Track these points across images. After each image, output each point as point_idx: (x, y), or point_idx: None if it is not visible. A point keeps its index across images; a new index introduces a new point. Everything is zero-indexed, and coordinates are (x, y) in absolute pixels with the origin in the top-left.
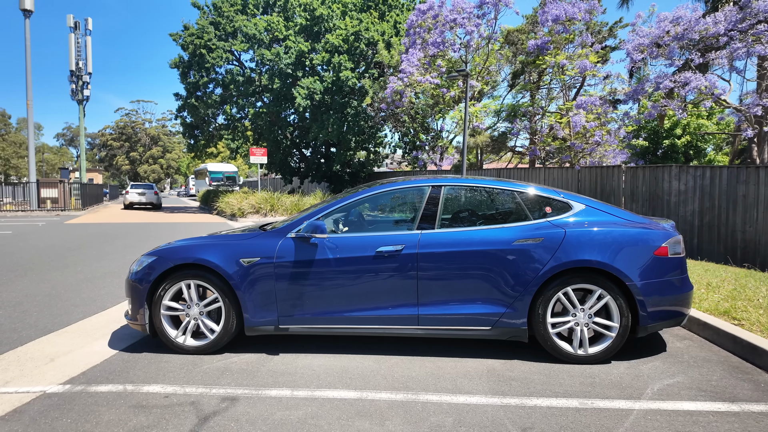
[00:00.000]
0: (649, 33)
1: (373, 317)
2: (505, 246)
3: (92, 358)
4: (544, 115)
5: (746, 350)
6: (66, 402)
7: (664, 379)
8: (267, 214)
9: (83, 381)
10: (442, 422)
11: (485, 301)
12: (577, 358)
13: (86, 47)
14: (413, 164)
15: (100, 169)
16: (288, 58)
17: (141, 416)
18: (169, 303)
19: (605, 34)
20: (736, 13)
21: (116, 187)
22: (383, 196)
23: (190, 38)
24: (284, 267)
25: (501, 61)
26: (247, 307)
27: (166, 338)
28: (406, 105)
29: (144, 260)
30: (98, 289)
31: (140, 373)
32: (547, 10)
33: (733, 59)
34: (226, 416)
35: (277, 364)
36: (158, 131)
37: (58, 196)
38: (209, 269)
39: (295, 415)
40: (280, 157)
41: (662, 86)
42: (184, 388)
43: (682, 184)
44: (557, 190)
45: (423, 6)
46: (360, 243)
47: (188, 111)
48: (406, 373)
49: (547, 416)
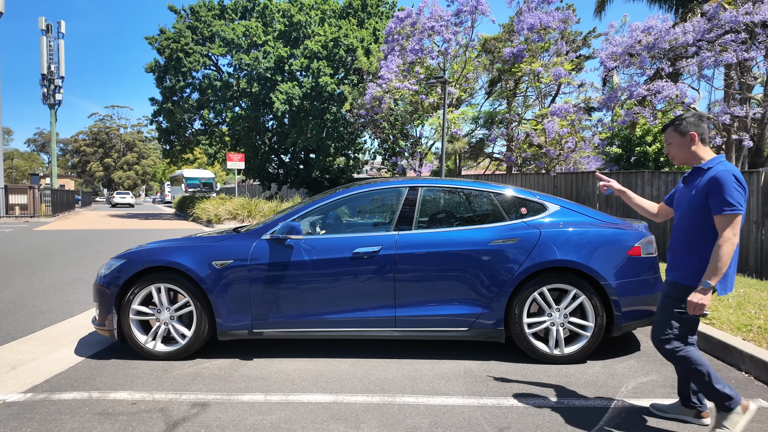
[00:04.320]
0: (621, 42)
1: (349, 320)
2: (481, 246)
3: (57, 365)
4: (520, 122)
5: (717, 348)
6: (26, 411)
7: (638, 377)
8: (244, 220)
9: (46, 389)
10: (419, 424)
11: (462, 302)
12: (554, 358)
13: (59, 50)
14: (393, 170)
15: (73, 176)
16: (267, 63)
17: (106, 424)
18: (139, 307)
19: (579, 43)
20: (704, 24)
21: (89, 193)
22: (360, 197)
23: (167, 42)
24: (258, 269)
25: (478, 68)
26: (219, 311)
27: (135, 344)
28: (386, 111)
29: (112, 263)
30: (66, 296)
31: (107, 379)
32: (522, 18)
33: (702, 68)
34: (195, 422)
35: (251, 369)
36: (133, 137)
37: (27, 203)
38: (180, 272)
39: (267, 419)
40: (258, 163)
41: (635, 94)
42: (153, 395)
43: (655, 190)
44: (533, 191)
45: (401, 13)
46: (336, 244)
47: (164, 116)
48: (383, 375)
49: (524, 416)
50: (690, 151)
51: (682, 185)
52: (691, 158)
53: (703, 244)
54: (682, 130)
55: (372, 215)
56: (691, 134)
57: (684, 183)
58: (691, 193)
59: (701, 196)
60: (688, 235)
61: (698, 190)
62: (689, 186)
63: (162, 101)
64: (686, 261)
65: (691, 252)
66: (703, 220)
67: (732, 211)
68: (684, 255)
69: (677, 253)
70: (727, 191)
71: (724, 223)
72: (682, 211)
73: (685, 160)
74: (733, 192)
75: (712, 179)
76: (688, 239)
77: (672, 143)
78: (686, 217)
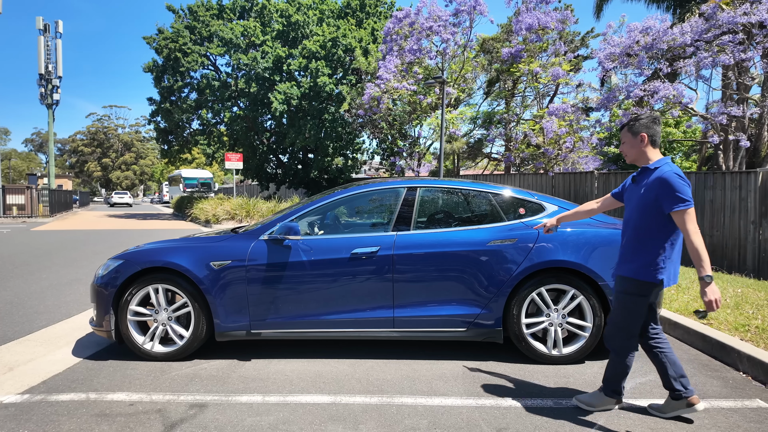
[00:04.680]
0: (619, 42)
1: (348, 320)
2: (479, 247)
3: (54, 366)
4: (518, 122)
5: (715, 348)
6: (24, 412)
7: (636, 377)
8: (243, 221)
9: (43, 390)
10: (417, 424)
11: (460, 302)
12: (552, 359)
13: (56, 50)
14: (391, 170)
15: (71, 176)
16: (265, 63)
17: (104, 425)
18: (136, 308)
19: (578, 43)
20: (702, 24)
21: (87, 193)
22: (359, 197)
23: (165, 42)
24: (256, 270)
25: (476, 68)
26: (217, 311)
27: (132, 345)
28: (384, 111)
29: (110, 264)
30: (63, 296)
31: (105, 380)
32: (521, 19)
33: (700, 68)
34: (193, 423)
35: (249, 369)
36: (131, 137)
37: (25, 203)
38: (178, 273)
39: (266, 420)
40: (256, 163)
41: (632, 95)
42: (151, 396)
43: None
44: (531, 192)
45: (400, 14)
46: (335, 245)
47: (162, 116)
48: (381, 376)
49: (522, 416)
50: (640, 150)
51: (631, 183)
52: (640, 158)
53: (652, 239)
54: (635, 130)
55: (370, 215)
56: (641, 135)
57: (633, 181)
58: (641, 191)
59: (650, 195)
60: (639, 231)
61: (647, 188)
62: (638, 184)
63: (160, 101)
64: (637, 256)
65: (641, 246)
66: (652, 217)
67: (686, 206)
68: (635, 250)
69: (629, 247)
70: (677, 189)
71: (683, 219)
72: (632, 207)
73: (634, 159)
74: (682, 188)
75: (659, 179)
76: (638, 235)
77: (625, 142)
78: (637, 213)
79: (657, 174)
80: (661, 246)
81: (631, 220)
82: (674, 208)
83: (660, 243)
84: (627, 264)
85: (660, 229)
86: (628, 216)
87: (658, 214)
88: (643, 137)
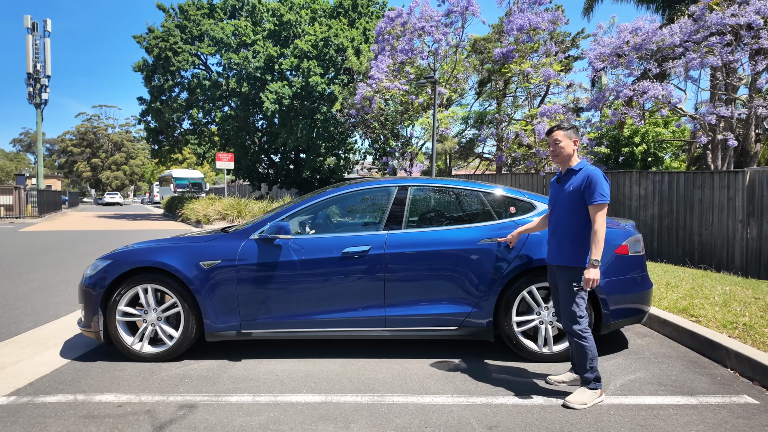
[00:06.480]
0: (609, 43)
1: (339, 320)
2: (470, 246)
3: (41, 368)
4: (510, 122)
5: (704, 345)
6: (9, 414)
7: (626, 375)
8: (234, 221)
9: (30, 392)
10: (408, 423)
11: (451, 301)
12: (542, 357)
13: (45, 49)
14: (383, 170)
15: (60, 176)
16: (257, 62)
17: (91, 426)
18: (125, 308)
19: (568, 44)
20: (691, 25)
21: (76, 194)
22: (350, 196)
23: (155, 41)
24: (247, 270)
25: (468, 69)
26: (207, 311)
27: (121, 345)
28: (376, 111)
29: (98, 264)
30: (52, 298)
31: (93, 382)
32: (512, 19)
33: (689, 69)
34: (183, 424)
35: (239, 370)
36: (122, 137)
37: (12, 203)
38: (167, 273)
39: (256, 420)
40: (248, 163)
41: (622, 95)
42: (140, 397)
43: (642, 189)
44: (522, 191)
45: (392, 13)
46: (326, 244)
47: (152, 115)
48: (373, 375)
49: (513, 414)
50: (573, 152)
51: (556, 184)
52: (569, 160)
53: (582, 230)
54: (570, 136)
55: (362, 215)
56: (575, 140)
57: (558, 182)
58: (568, 189)
59: (577, 192)
60: (570, 225)
61: (574, 186)
62: (564, 184)
63: (150, 101)
64: (571, 246)
65: (574, 237)
66: (579, 211)
67: (603, 200)
68: (568, 241)
69: (564, 240)
70: (600, 185)
71: (596, 211)
72: (562, 205)
73: (564, 160)
74: (604, 186)
75: (587, 177)
76: (569, 228)
77: (562, 143)
78: (566, 209)
79: (583, 173)
80: (587, 235)
81: (561, 215)
82: (594, 200)
83: (587, 232)
84: (564, 254)
85: (588, 220)
86: (558, 212)
87: (585, 208)
88: (576, 142)
